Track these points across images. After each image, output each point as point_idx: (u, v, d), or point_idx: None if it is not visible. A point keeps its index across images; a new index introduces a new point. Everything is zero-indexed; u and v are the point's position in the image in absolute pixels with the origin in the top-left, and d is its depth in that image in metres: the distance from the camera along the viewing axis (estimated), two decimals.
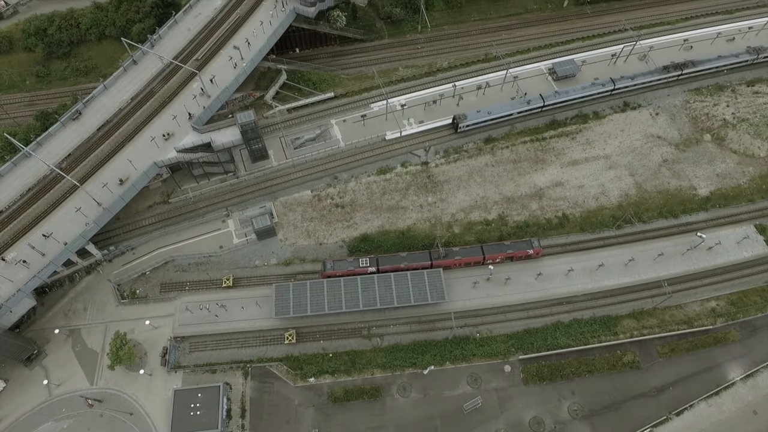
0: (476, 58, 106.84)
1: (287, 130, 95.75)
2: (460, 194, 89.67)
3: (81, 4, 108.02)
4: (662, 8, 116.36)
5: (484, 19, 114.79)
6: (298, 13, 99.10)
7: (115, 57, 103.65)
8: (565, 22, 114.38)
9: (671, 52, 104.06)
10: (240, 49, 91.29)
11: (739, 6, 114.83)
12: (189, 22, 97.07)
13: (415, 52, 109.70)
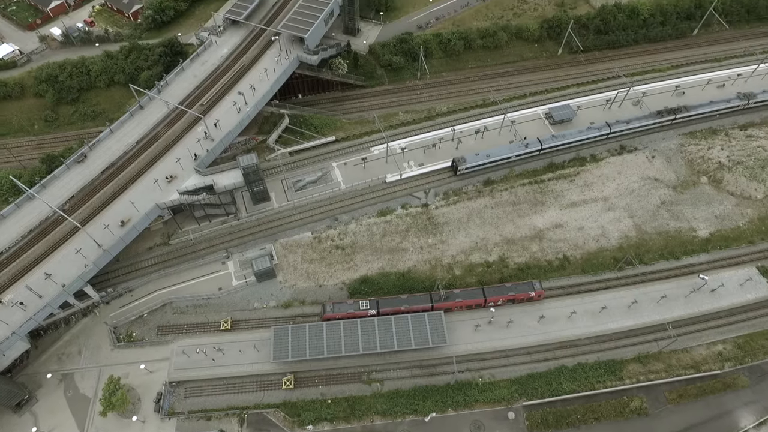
0: (474, 104, 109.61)
1: (289, 173, 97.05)
2: (460, 236, 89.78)
3: (92, 52, 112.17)
4: (653, 56, 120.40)
5: (481, 67, 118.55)
6: (301, 61, 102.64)
7: (123, 102, 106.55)
8: (559, 69, 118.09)
9: (664, 98, 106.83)
10: (244, 95, 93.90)
11: (727, 54, 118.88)
12: (195, 69, 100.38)
13: (415, 97, 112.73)
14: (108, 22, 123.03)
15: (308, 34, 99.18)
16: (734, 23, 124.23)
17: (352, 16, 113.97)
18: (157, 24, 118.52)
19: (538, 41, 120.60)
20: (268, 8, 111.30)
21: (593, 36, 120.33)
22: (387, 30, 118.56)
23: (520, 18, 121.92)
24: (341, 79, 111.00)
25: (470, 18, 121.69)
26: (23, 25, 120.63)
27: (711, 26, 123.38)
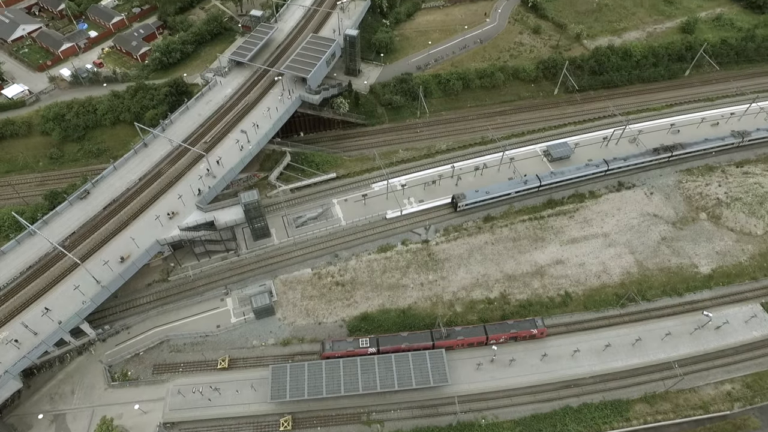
0: (473, 141, 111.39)
1: (290, 209, 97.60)
2: (461, 272, 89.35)
3: (100, 92, 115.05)
4: (647, 96, 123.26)
5: (480, 106, 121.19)
6: (303, 100, 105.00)
7: (128, 140, 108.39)
8: (556, 108, 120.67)
9: (660, 136, 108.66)
10: (247, 133, 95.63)
11: (719, 94, 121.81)
12: (200, 108, 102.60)
13: (415, 135, 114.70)
14: (116, 63, 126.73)
15: (310, 75, 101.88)
16: (724, 64, 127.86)
17: (353, 57, 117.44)
18: (164, 65, 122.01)
19: (534, 81, 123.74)
20: (271, 50, 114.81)
21: (588, 76, 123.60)
22: (387, 71, 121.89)
23: (517, 59, 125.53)
24: (342, 118, 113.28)
25: (468, 59, 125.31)
26: (34, 66, 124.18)
27: (702, 67, 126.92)
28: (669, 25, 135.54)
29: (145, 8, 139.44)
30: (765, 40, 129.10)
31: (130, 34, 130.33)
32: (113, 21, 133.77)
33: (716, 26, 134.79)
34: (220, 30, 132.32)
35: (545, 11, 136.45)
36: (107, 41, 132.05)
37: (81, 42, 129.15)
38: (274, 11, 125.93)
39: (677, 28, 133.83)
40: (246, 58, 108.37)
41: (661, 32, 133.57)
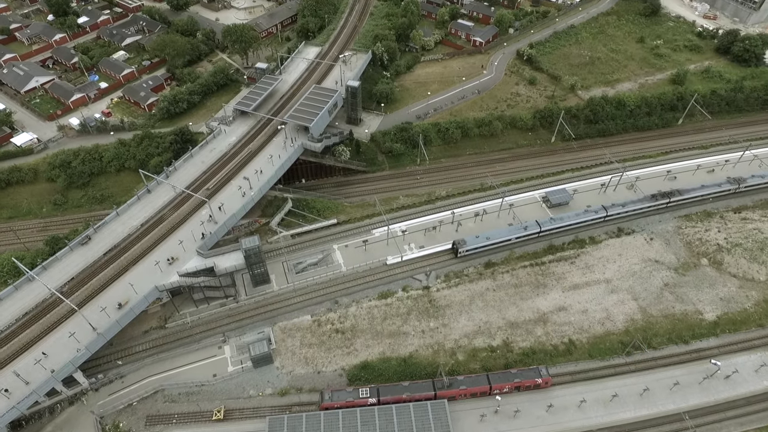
0: (473, 188, 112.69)
1: (290, 255, 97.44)
2: (462, 319, 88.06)
3: (107, 140, 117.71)
4: (642, 143, 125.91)
5: (479, 153, 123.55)
6: (306, 148, 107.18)
7: (131, 187, 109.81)
8: (553, 155, 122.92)
9: (657, 182, 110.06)
10: (249, 180, 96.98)
11: (713, 142, 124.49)
12: (204, 156, 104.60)
13: (415, 182, 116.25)
14: (124, 112, 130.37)
15: (313, 124, 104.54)
16: (715, 114, 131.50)
17: (354, 107, 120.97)
18: (171, 114, 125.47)
19: (531, 130, 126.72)
20: (275, 100, 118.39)
21: (584, 125, 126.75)
22: (388, 120, 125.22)
23: (514, 109, 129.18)
24: (344, 165, 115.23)
25: (467, 109, 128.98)
26: (44, 115, 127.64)
27: (694, 116, 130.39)
28: (660, 76, 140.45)
29: (154, 61, 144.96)
30: (753, 91, 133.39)
31: (139, 85, 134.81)
32: (123, 73, 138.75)
33: (705, 78, 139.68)
34: (226, 81, 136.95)
35: (540, 64, 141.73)
36: (117, 92, 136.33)
37: (91, 93, 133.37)
38: (278, 64, 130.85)
39: (668, 79, 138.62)
40: (250, 107, 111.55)
41: (652, 83, 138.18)
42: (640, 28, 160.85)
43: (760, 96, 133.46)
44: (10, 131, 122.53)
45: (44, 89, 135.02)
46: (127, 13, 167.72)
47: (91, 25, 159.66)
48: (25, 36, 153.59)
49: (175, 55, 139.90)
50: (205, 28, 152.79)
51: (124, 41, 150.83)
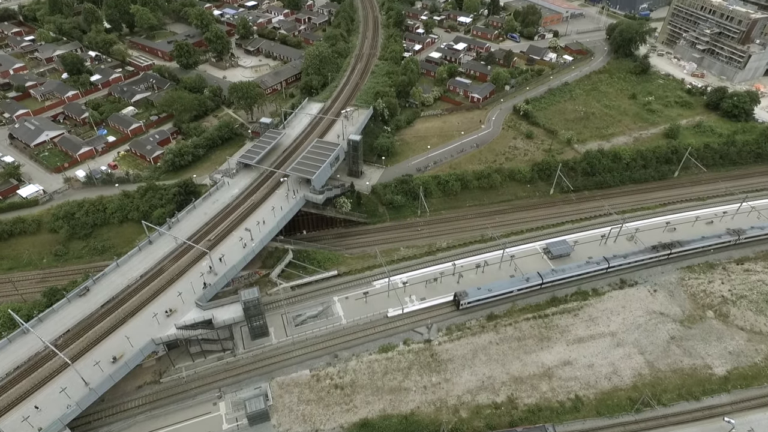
0: (473, 239, 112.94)
1: (290, 307, 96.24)
2: (465, 374, 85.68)
3: (111, 192, 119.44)
4: (640, 195, 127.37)
5: (479, 205, 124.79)
6: (307, 200, 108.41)
7: (133, 238, 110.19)
8: (553, 207, 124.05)
9: (657, 233, 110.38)
10: (251, 231, 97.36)
11: (710, 194, 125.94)
12: (206, 207, 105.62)
13: (416, 233, 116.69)
14: (130, 165, 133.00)
15: (315, 176, 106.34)
16: (710, 166, 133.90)
17: (356, 160, 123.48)
18: (176, 167, 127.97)
19: (530, 182, 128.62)
20: (278, 153, 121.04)
21: (582, 177, 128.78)
22: (388, 172, 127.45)
23: (512, 162, 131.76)
24: (345, 217, 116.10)
25: (466, 162, 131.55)
26: (52, 168, 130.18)
27: (689, 169, 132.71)
28: (653, 131, 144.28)
29: (162, 116, 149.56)
30: (745, 145, 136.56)
31: (146, 139, 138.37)
32: (131, 127, 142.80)
33: (698, 132, 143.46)
34: (231, 135, 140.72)
35: (536, 119, 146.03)
36: (124, 145, 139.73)
37: (99, 146, 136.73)
38: (282, 119, 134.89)
39: (661, 133, 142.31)
40: (254, 160, 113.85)
41: (647, 137, 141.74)
42: (632, 85, 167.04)
43: (753, 149, 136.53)
44: (17, 183, 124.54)
45: (53, 143, 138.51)
46: (138, 71, 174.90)
47: (103, 82, 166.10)
48: (39, 93, 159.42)
49: (183, 110, 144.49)
50: (212, 85, 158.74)
51: (134, 97, 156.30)
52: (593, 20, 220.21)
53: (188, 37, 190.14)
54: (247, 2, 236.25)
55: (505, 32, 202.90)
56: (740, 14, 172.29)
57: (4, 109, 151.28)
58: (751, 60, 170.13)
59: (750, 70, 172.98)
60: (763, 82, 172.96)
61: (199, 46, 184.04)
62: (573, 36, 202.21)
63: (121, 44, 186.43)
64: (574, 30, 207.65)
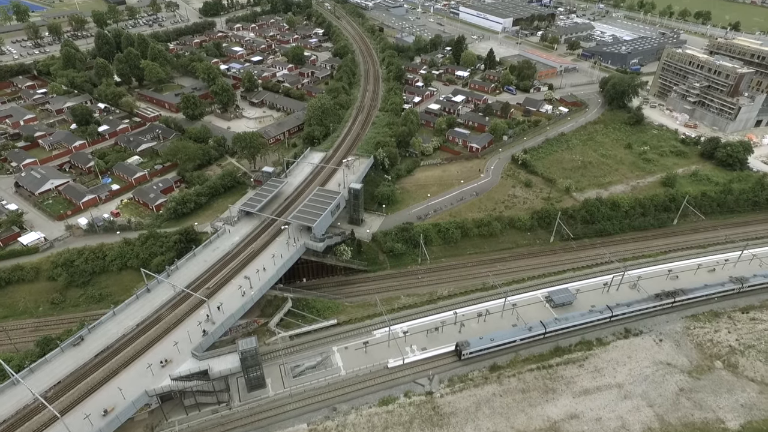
0: (475, 287, 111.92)
1: (288, 357, 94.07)
2: (468, 429, 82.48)
3: (112, 239, 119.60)
4: (640, 243, 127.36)
5: (479, 253, 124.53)
6: (308, 248, 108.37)
7: (132, 285, 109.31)
8: (553, 255, 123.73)
9: (659, 281, 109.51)
10: (250, 279, 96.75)
11: (710, 241, 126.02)
12: (206, 255, 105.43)
13: (416, 281, 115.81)
14: (133, 213, 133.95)
15: (316, 224, 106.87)
16: (708, 214, 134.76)
17: (356, 208, 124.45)
18: (178, 215, 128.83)
19: (530, 230, 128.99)
20: (280, 202, 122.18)
21: (581, 225, 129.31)
22: (389, 220, 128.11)
23: (512, 210, 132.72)
24: (345, 264, 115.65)
25: (466, 210, 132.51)
26: (54, 216, 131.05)
27: (688, 216, 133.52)
28: (650, 179, 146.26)
29: (166, 165, 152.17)
30: (742, 193, 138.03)
31: (150, 188, 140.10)
32: (136, 176, 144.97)
33: (694, 181, 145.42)
34: (233, 184, 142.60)
35: (534, 168, 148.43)
36: (128, 193, 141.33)
37: (102, 194, 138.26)
38: (284, 167, 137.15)
39: (658, 182, 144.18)
40: (255, 208, 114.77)
41: (644, 186, 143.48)
42: (627, 136, 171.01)
43: (749, 198, 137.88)
44: (19, 230, 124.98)
45: (58, 191, 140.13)
46: (145, 122, 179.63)
47: (111, 132, 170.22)
48: (48, 143, 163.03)
49: (187, 159, 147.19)
50: (216, 136, 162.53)
51: (140, 147, 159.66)
52: (586, 74, 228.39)
53: (195, 90, 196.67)
54: (252, 57, 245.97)
55: (502, 85, 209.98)
56: (727, 69, 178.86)
57: (13, 158, 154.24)
58: (741, 111, 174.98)
59: (741, 121, 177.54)
60: (755, 133, 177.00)
61: (205, 99, 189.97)
62: (567, 89, 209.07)
63: (130, 96, 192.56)
64: (568, 83, 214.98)
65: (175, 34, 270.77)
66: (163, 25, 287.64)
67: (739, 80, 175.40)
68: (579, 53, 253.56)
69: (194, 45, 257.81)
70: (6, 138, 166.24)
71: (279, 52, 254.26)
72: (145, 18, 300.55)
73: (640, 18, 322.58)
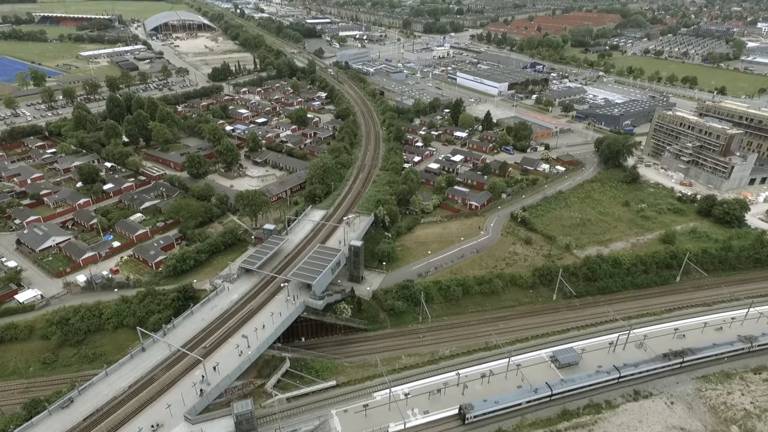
0: (477, 347, 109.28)
1: (285, 421, 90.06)
2: None
3: (110, 297, 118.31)
4: (644, 300, 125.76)
5: (481, 311, 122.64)
6: (307, 306, 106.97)
7: (127, 344, 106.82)
8: (557, 313, 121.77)
9: (666, 340, 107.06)
10: (248, 338, 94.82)
11: (715, 299, 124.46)
12: (204, 313, 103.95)
13: (418, 341, 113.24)
14: (132, 270, 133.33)
15: (316, 282, 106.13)
16: (711, 271, 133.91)
17: (357, 265, 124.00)
18: (177, 272, 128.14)
19: (532, 287, 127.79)
20: (280, 259, 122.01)
21: (583, 282, 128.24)
22: (389, 278, 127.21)
23: (513, 267, 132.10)
24: (345, 323, 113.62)
25: (467, 267, 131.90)
26: (53, 273, 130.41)
27: (690, 274, 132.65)
28: (650, 236, 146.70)
29: (168, 222, 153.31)
30: (743, 250, 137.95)
31: (150, 245, 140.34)
32: (137, 233, 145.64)
33: (693, 238, 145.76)
34: (235, 241, 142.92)
35: (534, 225, 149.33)
36: (128, 251, 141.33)
37: (103, 251, 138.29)
38: (285, 225, 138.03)
39: (658, 239, 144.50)
40: (255, 266, 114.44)
41: (644, 243, 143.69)
42: (624, 193, 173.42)
43: (750, 255, 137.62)
44: (16, 288, 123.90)
45: (59, 248, 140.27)
46: (149, 180, 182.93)
47: (115, 190, 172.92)
48: (53, 200, 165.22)
49: (189, 216, 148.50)
50: (219, 194, 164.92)
51: (143, 205, 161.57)
52: (581, 135, 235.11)
53: (200, 150, 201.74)
54: (257, 119, 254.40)
55: (499, 145, 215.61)
56: (717, 130, 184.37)
57: (17, 215, 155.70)
58: (735, 170, 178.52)
59: (735, 179, 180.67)
60: (750, 191, 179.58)
61: (209, 158, 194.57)
62: (563, 149, 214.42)
63: (137, 156, 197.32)
64: (563, 143, 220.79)
65: (183, 98, 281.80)
66: (172, 89, 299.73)
67: (730, 141, 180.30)
68: (573, 115, 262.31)
69: (201, 107, 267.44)
70: (12, 196, 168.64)
71: (283, 114, 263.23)
72: (155, 82, 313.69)
73: (630, 82, 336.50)
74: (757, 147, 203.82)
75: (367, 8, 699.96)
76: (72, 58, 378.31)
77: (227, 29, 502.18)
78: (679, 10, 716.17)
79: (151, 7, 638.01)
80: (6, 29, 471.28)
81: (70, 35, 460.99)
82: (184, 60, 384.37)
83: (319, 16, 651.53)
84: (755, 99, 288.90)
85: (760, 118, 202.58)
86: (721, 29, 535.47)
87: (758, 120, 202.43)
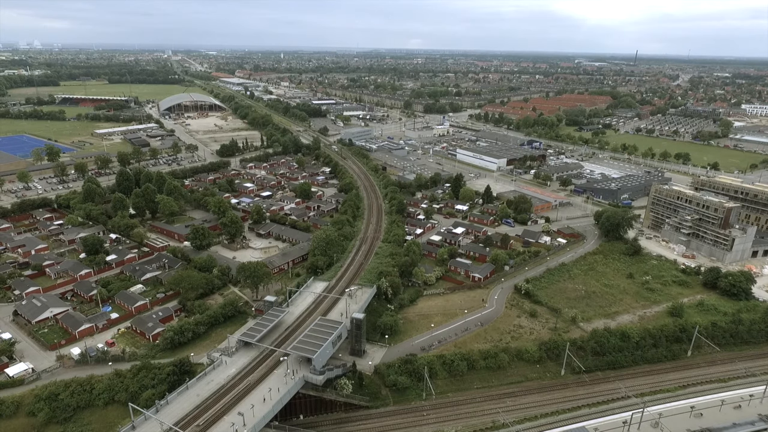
0: (484, 426, 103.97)
1: None
2: None
3: (104, 371, 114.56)
4: (656, 376, 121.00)
5: (487, 387, 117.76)
6: (306, 381, 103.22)
7: (117, 422, 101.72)
8: (565, 389, 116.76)
9: (683, 419, 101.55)
10: (244, 416, 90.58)
11: (729, 375, 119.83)
12: (200, 389, 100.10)
13: (421, 419, 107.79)
14: (128, 342, 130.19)
15: (316, 355, 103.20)
16: (722, 345, 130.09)
17: (359, 339, 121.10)
18: (174, 345, 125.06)
19: (539, 362, 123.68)
20: (280, 331, 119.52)
21: (592, 357, 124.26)
22: (392, 352, 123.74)
23: (518, 341, 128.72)
24: (345, 400, 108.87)
25: (471, 341, 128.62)
26: (47, 345, 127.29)
27: (702, 348, 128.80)
28: (657, 309, 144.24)
29: (168, 293, 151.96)
30: (754, 324, 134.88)
31: (149, 316, 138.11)
32: (136, 304, 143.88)
33: (701, 311, 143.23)
34: (234, 313, 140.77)
35: (538, 297, 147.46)
36: (126, 322, 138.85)
37: (101, 323, 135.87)
38: (287, 297, 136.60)
39: (665, 311, 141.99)
40: (254, 339, 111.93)
41: (651, 315, 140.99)
42: (627, 265, 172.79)
43: (762, 328, 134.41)
44: (7, 361, 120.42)
45: (56, 319, 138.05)
46: (153, 251, 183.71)
47: (118, 261, 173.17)
48: (54, 271, 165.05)
49: (189, 288, 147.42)
50: (221, 265, 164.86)
51: (144, 276, 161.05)
52: (580, 208, 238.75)
53: (205, 222, 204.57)
54: (262, 192, 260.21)
55: (500, 218, 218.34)
56: (715, 203, 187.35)
57: (17, 286, 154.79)
58: (736, 243, 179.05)
59: (737, 251, 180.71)
60: (753, 263, 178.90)
61: (214, 230, 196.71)
62: (564, 221, 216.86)
63: (142, 228, 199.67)
64: (563, 216, 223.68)
65: (191, 172, 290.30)
66: (181, 164, 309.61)
67: (728, 214, 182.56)
68: (571, 189, 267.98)
69: (208, 181, 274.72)
70: (14, 266, 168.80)
71: (288, 188, 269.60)
72: (165, 158, 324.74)
73: (625, 158, 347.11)
74: (756, 220, 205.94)
75: (371, 90, 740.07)
76: (87, 135, 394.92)
77: (237, 109, 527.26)
78: (665, 92, 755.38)
79: (166, 90, 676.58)
80: (28, 109, 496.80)
81: (87, 114, 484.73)
82: (194, 137, 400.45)
83: (324, 97, 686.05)
84: (748, 174, 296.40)
85: (755, 192, 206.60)
86: (707, 110, 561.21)
87: (753, 194, 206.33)
